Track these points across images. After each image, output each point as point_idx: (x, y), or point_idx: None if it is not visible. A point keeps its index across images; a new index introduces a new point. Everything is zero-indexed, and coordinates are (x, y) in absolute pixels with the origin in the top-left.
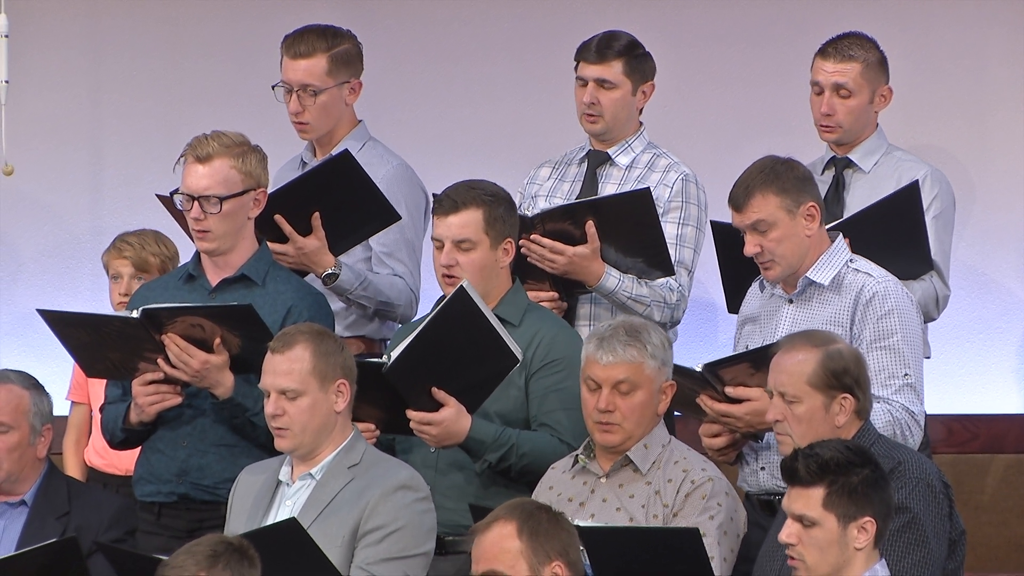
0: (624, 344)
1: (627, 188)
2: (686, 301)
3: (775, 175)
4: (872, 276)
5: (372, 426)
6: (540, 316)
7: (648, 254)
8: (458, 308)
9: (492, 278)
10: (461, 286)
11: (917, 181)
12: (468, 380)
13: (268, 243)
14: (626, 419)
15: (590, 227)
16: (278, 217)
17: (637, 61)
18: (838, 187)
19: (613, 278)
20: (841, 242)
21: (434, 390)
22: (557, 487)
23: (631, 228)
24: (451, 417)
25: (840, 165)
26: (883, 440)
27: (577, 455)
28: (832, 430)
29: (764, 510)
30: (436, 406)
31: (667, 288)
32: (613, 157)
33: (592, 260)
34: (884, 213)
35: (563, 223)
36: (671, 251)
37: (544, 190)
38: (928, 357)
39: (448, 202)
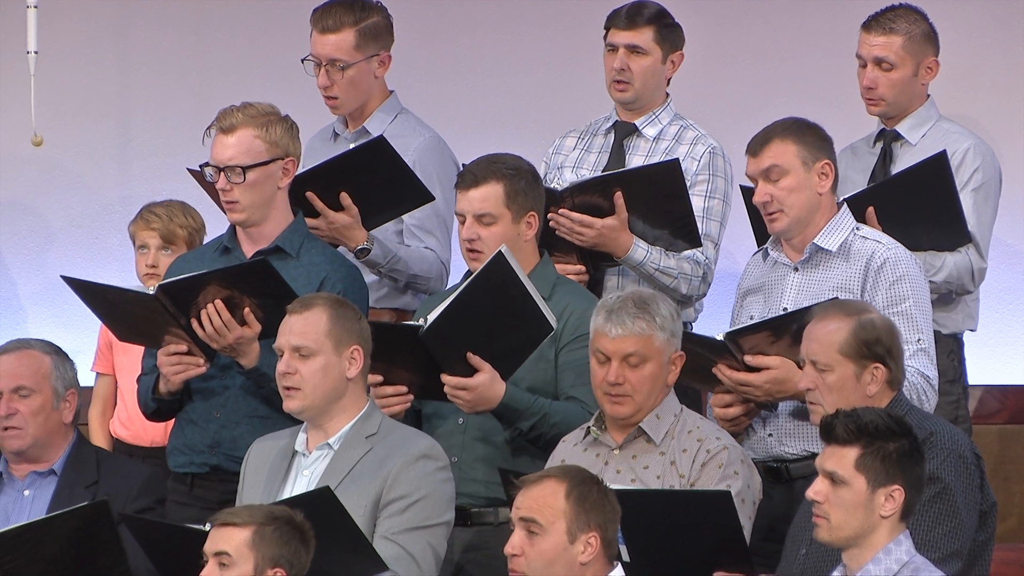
0: (633, 316)
1: (655, 160)
2: (712, 274)
3: (797, 127)
4: (881, 243)
5: (405, 389)
6: (569, 290)
7: (675, 226)
8: (496, 273)
9: (517, 252)
10: (500, 251)
11: (944, 152)
12: (502, 347)
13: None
14: (636, 391)
15: (619, 198)
16: (309, 194)
17: (668, 30)
18: (885, 160)
19: (641, 250)
20: (847, 210)
21: (469, 355)
22: (569, 460)
23: (659, 199)
24: (485, 382)
25: (888, 138)
26: (916, 411)
27: (589, 427)
28: (863, 399)
29: (769, 477)
30: (471, 371)
31: (694, 261)
32: (640, 128)
33: (621, 232)
34: (909, 184)
35: (592, 195)
36: (698, 224)
37: (570, 160)
38: (973, 330)
39: (469, 177)
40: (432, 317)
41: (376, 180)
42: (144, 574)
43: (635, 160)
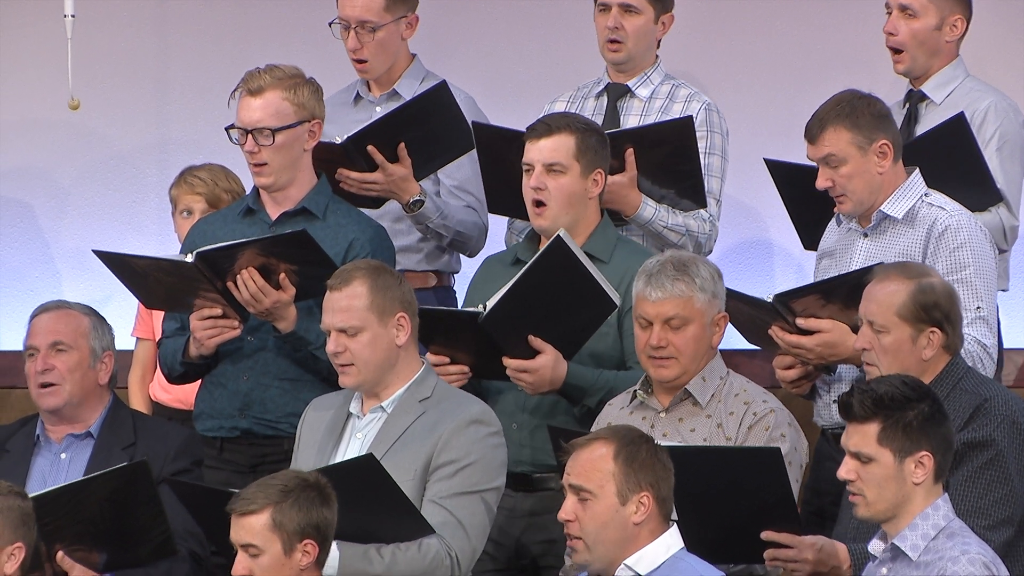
0: (672, 279)
1: (649, 120)
2: (717, 230)
3: (851, 109)
4: (945, 210)
5: (466, 369)
6: (630, 251)
7: (682, 185)
8: (555, 257)
9: (580, 208)
10: (559, 235)
11: (962, 113)
12: (565, 327)
13: (354, 174)
14: (681, 353)
15: (629, 155)
16: (371, 148)
17: None
18: (910, 121)
19: (650, 207)
20: (917, 176)
21: (530, 338)
22: (615, 423)
23: (667, 158)
24: (548, 364)
25: (915, 99)
26: (971, 375)
27: (635, 390)
28: (919, 363)
29: (837, 443)
30: (532, 353)
31: (699, 218)
32: (633, 89)
33: (630, 189)
34: (930, 147)
35: None
36: None
37: None
38: (1005, 290)
39: (541, 127)
40: (491, 303)
41: (432, 128)
42: (182, 535)
43: (629, 121)
